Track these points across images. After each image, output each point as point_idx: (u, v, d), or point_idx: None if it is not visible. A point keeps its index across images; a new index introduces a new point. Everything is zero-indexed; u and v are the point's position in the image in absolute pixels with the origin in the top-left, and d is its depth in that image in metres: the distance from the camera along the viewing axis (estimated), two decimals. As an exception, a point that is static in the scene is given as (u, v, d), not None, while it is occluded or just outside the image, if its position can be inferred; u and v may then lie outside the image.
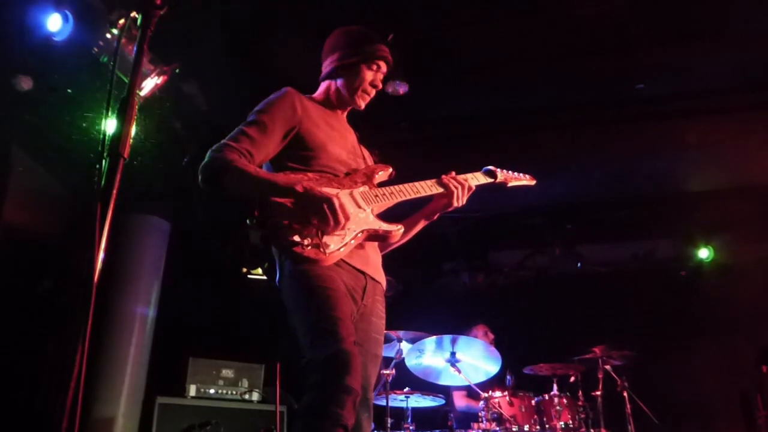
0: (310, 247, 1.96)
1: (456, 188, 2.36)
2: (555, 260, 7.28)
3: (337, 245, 2.02)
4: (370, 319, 2.19)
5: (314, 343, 1.87)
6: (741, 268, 6.77)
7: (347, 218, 2.02)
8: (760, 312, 6.08)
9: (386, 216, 2.26)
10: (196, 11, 3.81)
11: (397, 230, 2.21)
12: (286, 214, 2.00)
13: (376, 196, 2.22)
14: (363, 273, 2.15)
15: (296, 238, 1.96)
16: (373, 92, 2.39)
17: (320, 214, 1.97)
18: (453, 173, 2.42)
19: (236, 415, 5.11)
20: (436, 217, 2.45)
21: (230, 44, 4.35)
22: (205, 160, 2.06)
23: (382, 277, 2.28)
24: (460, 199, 2.38)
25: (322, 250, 1.98)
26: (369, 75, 2.33)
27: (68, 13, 3.27)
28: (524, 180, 2.72)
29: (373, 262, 2.24)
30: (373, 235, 2.17)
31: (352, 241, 2.08)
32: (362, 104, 2.39)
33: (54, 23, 3.30)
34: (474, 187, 2.44)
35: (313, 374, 1.81)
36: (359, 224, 2.12)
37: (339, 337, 1.83)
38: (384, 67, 2.37)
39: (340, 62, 2.33)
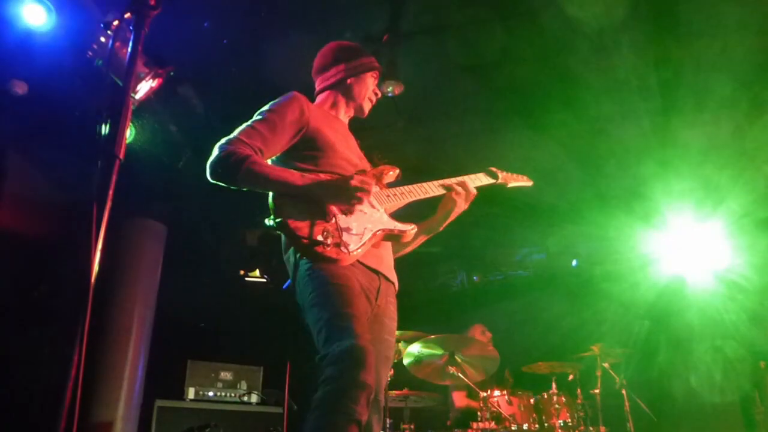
0: (331, 247, 1.98)
1: (460, 194, 2.44)
2: (552, 258, 7.29)
3: (356, 245, 2.05)
4: (383, 320, 2.20)
5: (329, 339, 1.87)
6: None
7: (370, 186, 2.08)
8: (757, 308, 6.09)
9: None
10: (192, 13, 3.82)
11: (411, 230, 2.24)
12: (305, 213, 2.02)
13: (388, 196, 2.28)
14: (377, 272, 2.17)
15: (318, 238, 1.98)
16: (375, 99, 2.55)
17: (344, 195, 2.04)
18: (462, 181, 2.48)
19: (235, 417, 5.11)
20: (441, 228, 2.50)
21: (226, 46, 4.35)
22: (217, 153, 2.05)
23: (394, 277, 2.30)
24: (462, 206, 2.46)
25: (343, 249, 2.00)
26: (372, 84, 2.51)
27: (49, 3, 3.23)
28: (522, 181, 2.85)
29: (386, 261, 2.26)
30: (388, 235, 2.20)
31: (370, 241, 2.10)
32: (367, 111, 2.54)
33: (36, 16, 3.24)
34: (476, 192, 2.51)
35: (327, 369, 1.81)
36: (375, 224, 2.14)
37: (354, 333, 1.84)
38: (377, 77, 2.56)
39: (347, 73, 2.45)
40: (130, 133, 4.08)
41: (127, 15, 1.39)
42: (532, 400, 4.55)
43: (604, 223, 6.91)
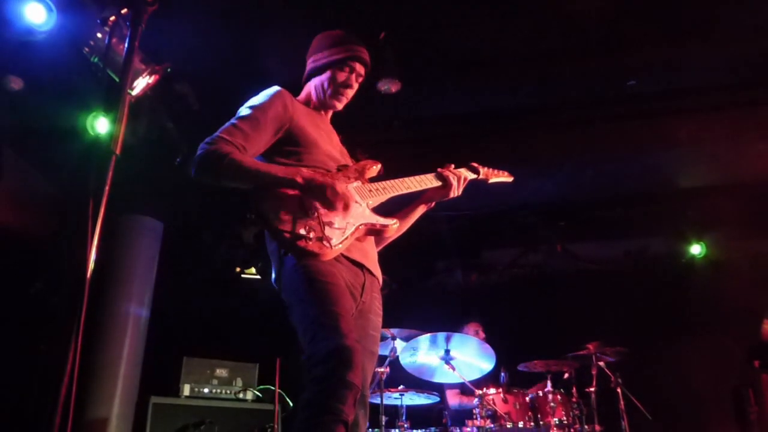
0: (313, 241, 1.97)
1: (454, 180, 2.47)
2: (548, 258, 7.30)
3: (338, 239, 2.04)
4: (368, 316, 2.20)
5: (315, 338, 1.87)
6: (733, 264, 6.82)
7: (350, 200, 2.09)
8: (751, 308, 6.11)
9: (380, 209, 2.30)
10: (188, 9, 3.81)
11: (392, 224, 2.25)
12: (287, 207, 2.02)
13: (370, 191, 2.27)
14: (362, 267, 2.17)
15: (301, 232, 1.97)
16: (348, 93, 2.42)
17: (323, 201, 2.04)
18: (452, 166, 2.54)
19: (231, 415, 5.10)
20: (433, 204, 2.54)
21: (222, 43, 4.34)
22: (199, 152, 2.06)
23: (379, 272, 2.30)
24: (456, 190, 2.50)
25: (325, 243, 1.99)
26: (341, 76, 2.37)
27: (50, 2, 3.21)
28: (503, 176, 2.82)
29: (371, 256, 2.27)
30: (370, 230, 2.20)
31: (352, 236, 2.10)
32: (339, 105, 2.45)
33: (36, 15, 3.20)
34: (469, 179, 2.56)
35: (314, 369, 1.81)
36: (357, 218, 2.14)
37: (341, 332, 1.84)
38: (360, 68, 2.41)
39: (314, 64, 2.41)
40: (126, 131, 4.06)
41: (124, 11, 1.38)
42: (527, 399, 4.56)
43: (600, 221, 6.93)
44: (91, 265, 1.20)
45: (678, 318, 6.68)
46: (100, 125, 3.39)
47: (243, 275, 6.56)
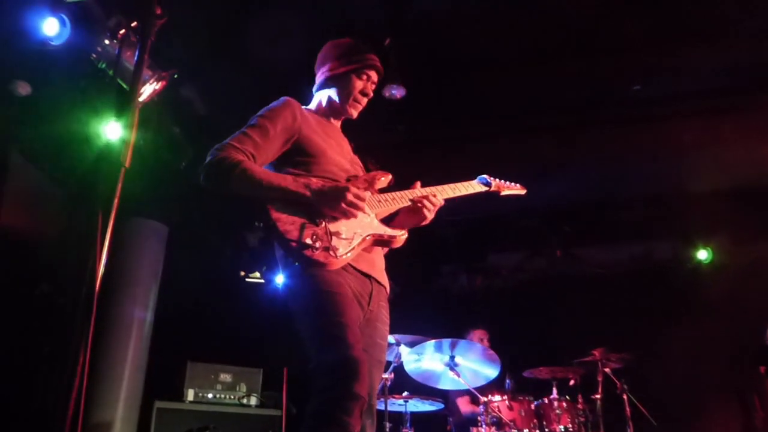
0: (320, 251, 1.97)
1: (428, 213, 2.32)
2: (553, 262, 7.28)
3: (345, 249, 2.04)
4: (375, 324, 2.20)
5: (321, 349, 1.87)
6: (740, 269, 6.78)
7: (364, 201, 2.07)
8: (759, 314, 6.08)
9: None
10: (194, 15, 3.81)
11: (401, 235, 2.24)
12: (294, 216, 2.02)
13: (379, 201, 2.26)
14: (369, 277, 2.17)
15: (307, 241, 1.97)
16: (364, 101, 2.45)
17: (337, 208, 2.03)
18: (419, 184, 2.39)
19: (234, 420, 5.09)
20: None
21: (228, 48, 4.35)
22: (210, 158, 2.06)
23: (386, 281, 2.29)
24: (428, 219, 2.35)
25: (332, 253, 1.99)
26: (359, 84, 2.39)
27: (65, 17, 3.25)
28: (516, 189, 2.80)
29: (378, 265, 2.26)
30: (378, 240, 2.19)
31: (359, 246, 2.10)
32: (354, 113, 2.46)
33: (51, 28, 3.26)
34: (443, 203, 2.40)
35: (320, 380, 1.81)
36: (365, 229, 2.14)
37: (347, 343, 1.83)
38: (374, 76, 2.44)
39: (331, 73, 2.40)
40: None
41: (134, 24, 1.38)
42: (533, 406, 4.54)
43: (605, 225, 6.91)
44: (100, 277, 1.19)
45: (684, 323, 6.64)
46: (110, 131, 3.39)
47: (247, 280, 6.56)
